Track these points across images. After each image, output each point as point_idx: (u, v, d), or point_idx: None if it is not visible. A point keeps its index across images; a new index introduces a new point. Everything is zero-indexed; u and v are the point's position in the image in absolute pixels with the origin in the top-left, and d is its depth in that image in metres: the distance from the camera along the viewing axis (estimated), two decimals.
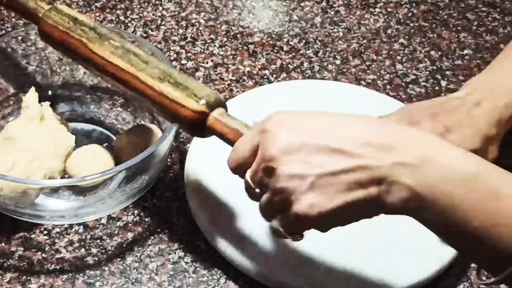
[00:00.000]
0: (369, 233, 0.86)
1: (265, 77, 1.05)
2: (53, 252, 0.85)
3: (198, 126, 0.77)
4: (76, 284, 0.83)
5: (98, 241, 0.86)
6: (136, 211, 0.89)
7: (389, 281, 0.82)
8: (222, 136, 0.77)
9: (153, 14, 1.12)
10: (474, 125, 0.84)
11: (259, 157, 0.70)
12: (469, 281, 0.85)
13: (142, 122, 0.96)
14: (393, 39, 1.11)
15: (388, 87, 1.04)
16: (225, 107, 0.78)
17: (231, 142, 0.75)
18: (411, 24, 1.14)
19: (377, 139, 0.66)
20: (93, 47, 0.83)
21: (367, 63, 1.07)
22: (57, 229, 0.87)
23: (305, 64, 1.06)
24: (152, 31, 1.10)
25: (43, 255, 0.85)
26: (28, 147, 0.87)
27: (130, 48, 0.83)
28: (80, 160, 0.89)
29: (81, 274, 0.83)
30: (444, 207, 0.64)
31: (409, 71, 1.07)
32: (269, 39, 1.10)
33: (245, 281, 0.83)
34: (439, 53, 1.09)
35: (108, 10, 1.12)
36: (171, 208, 0.90)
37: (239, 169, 0.73)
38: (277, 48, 1.08)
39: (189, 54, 1.07)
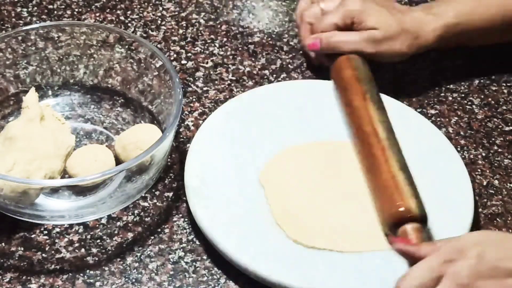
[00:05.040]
0: (369, 233, 0.86)
1: (265, 77, 1.05)
2: (53, 252, 0.85)
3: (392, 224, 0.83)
4: (76, 284, 0.83)
5: (98, 241, 0.86)
6: (136, 211, 0.89)
7: (389, 281, 0.82)
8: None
9: (153, 14, 1.12)
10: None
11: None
12: None
13: (142, 122, 0.96)
14: None
15: (388, 87, 1.04)
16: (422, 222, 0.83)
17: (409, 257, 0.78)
18: None
19: None
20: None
21: (368, 63, 1.07)
22: (57, 229, 0.87)
23: (305, 64, 1.06)
24: (152, 31, 1.10)
25: (43, 255, 0.85)
26: (28, 147, 0.87)
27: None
28: (80, 160, 0.89)
29: (81, 274, 0.84)
30: None
31: (409, 71, 1.07)
32: (269, 39, 1.10)
33: (245, 281, 0.83)
34: (439, 53, 1.09)
35: (108, 10, 1.12)
36: (171, 208, 0.90)
37: None
38: (277, 48, 1.08)
39: (189, 54, 1.07)
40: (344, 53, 0.98)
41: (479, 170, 0.96)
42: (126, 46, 0.96)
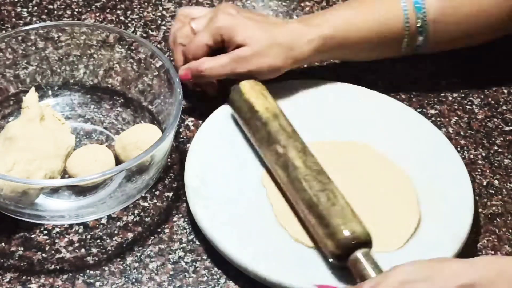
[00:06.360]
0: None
1: None
2: (53, 252, 0.85)
3: (341, 258, 0.81)
4: (76, 284, 0.83)
5: (98, 241, 0.86)
6: (136, 211, 0.89)
7: None
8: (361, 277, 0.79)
9: (153, 14, 1.12)
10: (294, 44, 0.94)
11: None
12: None
13: (142, 122, 0.96)
14: None
15: (388, 87, 1.04)
16: (369, 246, 0.81)
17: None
18: None
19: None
20: (259, 146, 0.91)
21: (367, 63, 1.07)
22: (57, 229, 0.87)
23: (306, 65, 1.06)
24: (152, 31, 1.10)
25: (43, 255, 0.85)
26: (28, 147, 0.87)
27: (292, 159, 0.87)
28: (80, 160, 0.89)
29: (81, 274, 0.84)
30: None
31: (409, 71, 1.07)
32: None
33: (245, 281, 0.83)
34: (439, 53, 1.09)
35: (108, 10, 1.12)
36: (171, 208, 0.90)
37: None
38: None
39: None
40: (216, 78, 0.96)
41: (479, 170, 0.96)
42: (126, 46, 0.96)
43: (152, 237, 0.87)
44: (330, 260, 0.82)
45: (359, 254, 0.80)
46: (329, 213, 0.82)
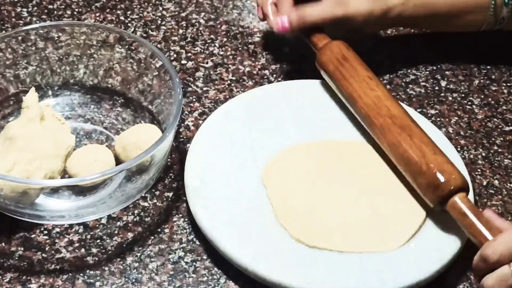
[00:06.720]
0: (370, 233, 0.86)
1: (265, 77, 1.05)
2: (53, 252, 0.85)
3: (439, 203, 0.85)
4: (76, 284, 0.83)
5: (98, 241, 0.86)
6: (136, 211, 0.89)
7: (389, 281, 0.82)
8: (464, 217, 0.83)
9: (153, 14, 1.12)
10: None
11: None
12: (469, 281, 0.85)
13: (142, 122, 0.96)
14: (393, 39, 1.11)
15: (388, 87, 1.04)
16: (467, 190, 0.85)
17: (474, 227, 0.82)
18: None
19: None
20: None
21: (367, 63, 1.07)
22: (57, 229, 0.87)
23: (305, 65, 1.06)
24: (152, 31, 1.10)
25: (43, 255, 0.85)
26: (28, 147, 0.87)
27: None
28: (80, 160, 0.89)
29: (81, 274, 0.84)
30: None
31: (409, 71, 1.07)
32: (269, 39, 1.10)
33: (245, 281, 0.83)
34: (439, 53, 1.09)
35: (108, 10, 1.12)
36: (171, 208, 0.90)
37: (502, 260, 0.77)
38: (277, 48, 1.08)
39: (189, 54, 1.07)
40: (315, 24, 0.99)
41: (479, 170, 0.96)
42: (126, 46, 0.96)
43: (152, 237, 0.87)
44: (431, 205, 0.85)
45: (457, 198, 0.83)
46: (428, 161, 0.86)
